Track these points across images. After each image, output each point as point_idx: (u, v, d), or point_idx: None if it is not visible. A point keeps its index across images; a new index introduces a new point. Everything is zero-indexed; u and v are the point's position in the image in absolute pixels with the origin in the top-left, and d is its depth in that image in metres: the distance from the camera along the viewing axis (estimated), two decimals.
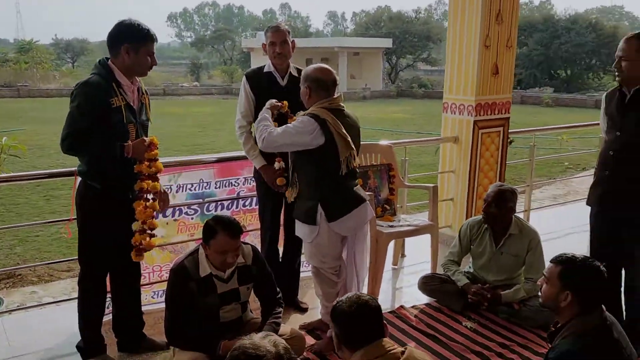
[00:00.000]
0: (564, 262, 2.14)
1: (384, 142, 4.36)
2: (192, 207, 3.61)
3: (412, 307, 3.72)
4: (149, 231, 2.88)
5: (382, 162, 4.24)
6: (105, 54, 2.83)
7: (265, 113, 3.05)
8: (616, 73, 2.92)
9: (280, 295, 3.02)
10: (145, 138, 2.77)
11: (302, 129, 2.84)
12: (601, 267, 2.12)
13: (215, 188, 3.67)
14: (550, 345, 2.19)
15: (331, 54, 35.96)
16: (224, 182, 3.69)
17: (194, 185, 3.58)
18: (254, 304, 3.07)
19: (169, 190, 3.50)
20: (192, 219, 3.62)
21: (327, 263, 3.11)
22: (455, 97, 4.69)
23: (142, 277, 3.47)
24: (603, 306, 2.12)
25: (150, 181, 2.84)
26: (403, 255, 4.62)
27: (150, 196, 2.88)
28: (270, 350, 1.59)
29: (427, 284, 3.74)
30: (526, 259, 3.57)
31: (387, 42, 37.73)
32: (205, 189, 3.63)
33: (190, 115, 22.33)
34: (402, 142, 4.75)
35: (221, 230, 2.64)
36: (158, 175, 2.87)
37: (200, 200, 3.62)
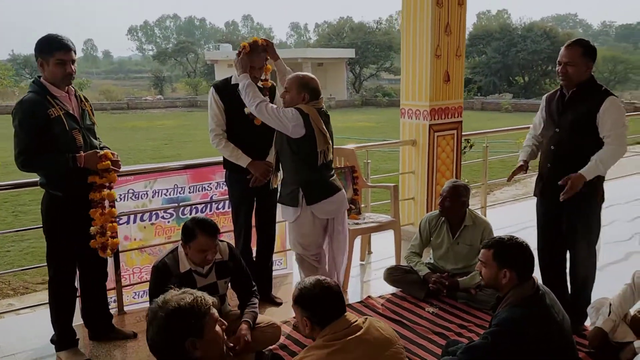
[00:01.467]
0: (494, 244, 2.45)
1: (347, 146, 4.65)
2: (168, 211, 3.82)
3: (379, 297, 4.01)
4: (110, 233, 3.12)
5: (346, 165, 4.53)
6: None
7: (248, 81, 3.31)
8: (560, 77, 3.19)
9: (255, 288, 3.26)
10: (98, 150, 3.00)
11: (289, 117, 3.18)
12: (524, 242, 2.44)
13: (189, 193, 3.90)
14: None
15: (295, 64, 36.30)
16: (198, 186, 3.92)
17: (169, 190, 3.80)
18: (233, 302, 3.30)
19: (145, 195, 3.73)
20: (168, 222, 3.84)
21: (309, 250, 3.42)
22: (412, 103, 5.03)
23: (123, 279, 3.70)
24: (535, 278, 2.43)
25: (106, 190, 3.08)
26: (370, 252, 4.91)
27: (107, 203, 3.11)
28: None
29: (392, 274, 4.03)
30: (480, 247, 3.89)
31: (350, 53, 38.39)
32: (180, 193, 3.86)
33: (154, 128, 22.33)
34: (364, 145, 5.06)
35: (200, 231, 2.88)
36: (113, 184, 3.13)
37: (176, 204, 3.84)
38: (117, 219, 3.33)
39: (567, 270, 3.49)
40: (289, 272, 4.48)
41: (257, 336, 3.03)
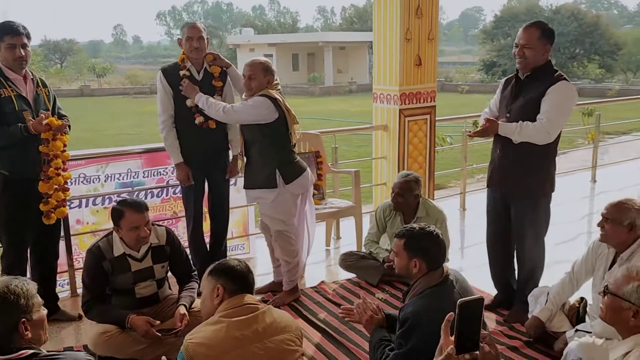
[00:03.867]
0: (404, 234, 2.40)
1: (312, 131, 4.62)
2: (122, 195, 3.87)
3: (333, 282, 4.00)
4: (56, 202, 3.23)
5: (310, 150, 4.51)
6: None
7: (204, 96, 3.42)
8: (517, 60, 3.10)
9: (195, 272, 3.29)
10: (43, 114, 3.10)
11: (260, 106, 3.32)
12: (435, 231, 2.39)
13: (144, 177, 3.94)
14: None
15: (317, 48, 36.22)
16: (153, 171, 3.96)
17: (122, 175, 3.85)
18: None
19: (97, 180, 3.78)
20: None
21: (289, 224, 3.56)
22: (383, 88, 4.97)
23: (75, 261, 3.76)
24: (445, 267, 2.39)
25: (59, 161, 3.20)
26: (338, 238, 4.90)
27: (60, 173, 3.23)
28: None
29: (346, 260, 4.02)
30: None
31: (372, 36, 37.98)
32: (134, 178, 3.90)
33: None
34: (331, 130, 5.03)
35: (127, 208, 2.92)
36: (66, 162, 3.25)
37: (130, 188, 3.88)
38: (68, 203, 3.40)
39: (515, 260, 3.43)
40: (251, 257, 4.50)
41: (190, 322, 3.04)
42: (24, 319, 1.80)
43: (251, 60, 3.47)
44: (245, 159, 3.59)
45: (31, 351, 1.78)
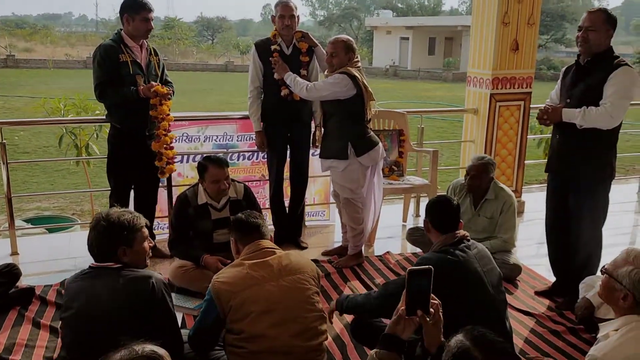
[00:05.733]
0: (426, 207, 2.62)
1: (399, 110, 4.80)
2: (217, 155, 4.36)
3: (399, 254, 4.21)
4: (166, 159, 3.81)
5: (394, 128, 4.71)
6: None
7: (292, 74, 3.79)
8: (580, 43, 3.09)
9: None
10: (153, 83, 3.63)
11: (339, 83, 3.61)
12: (451, 199, 2.55)
13: (238, 141, 4.41)
14: None
15: (455, 33, 35.27)
16: (246, 136, 4.41)
17: (219, 137, 4.35)
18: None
19: (197, 139, 4.32)
20: None
21: (356, 193, 3.81)
22: (476, 71, 4.98)
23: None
24: (463, 232, 2.53)
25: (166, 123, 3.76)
26: (417, 215, 5.06)
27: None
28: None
29: (412, 234, 4.18)
30: (499, 220, 3.90)
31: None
32: (229, 140, 4.39)
33: None
34: (418, 110, 5.16)
35: (210, 164, 3.39)
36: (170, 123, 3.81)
37: (225, 150, 4.37)
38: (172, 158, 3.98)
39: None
40: (330, 224, 4.83)
41: None
42: (124, 247, 2.21)
43: (334, 38, 3.74)
44: (323, 130, 3.90)
45: (118, 265, 2.21)
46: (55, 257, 4.04)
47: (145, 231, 2.32)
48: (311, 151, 4.23)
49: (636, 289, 1.96)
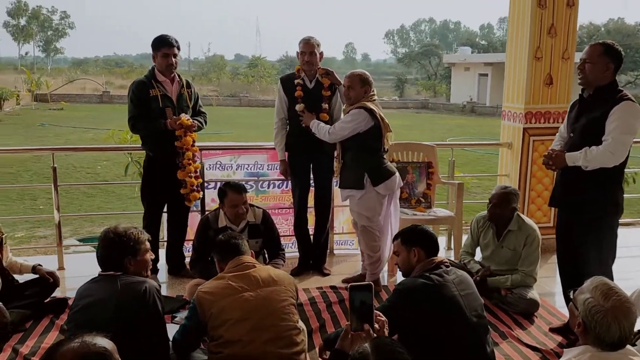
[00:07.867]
0: (399, 234, 2.74)
1: (428, 143, 4.88)
2: (249, 182, 4.63)
3: None
4: (190, 187, 4.07)
5: (423, 160, 4.78)
6: None
7: (317, 122, 4.02)
8: (579, 76, 3.13)
9: (283, 251, 3.88)
10: (180, 116, 3.93)
11: (356, 119, 3.80)
12: (425, 227, 2.64)
13: (268, 170, 4.65)
14: None
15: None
16: (275, 165, 4.64)
17: (250, 165, 4.61)
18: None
19: (230, 167, 4.60)
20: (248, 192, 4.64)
21: (373, 220, 3.94)
22: (510, 106, 4.98)
23: None
24: (443, 258, 2.59)
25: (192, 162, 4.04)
26: (449, 248, 5.04)
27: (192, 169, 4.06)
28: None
29: None
30: (522, 253, 3.84)
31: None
32: (260, 169, 4.64)
33: None
34: (448, 143, 5.18)
35: (229, 189, 3.63)
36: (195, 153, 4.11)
37: (255, 178, 4.63)
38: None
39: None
40: (358, 252, 4.90)
41: None
42: (129, 256, 2.52)
43: (350, 72, 3.93)
44: (342, 161, 4.05)
45: (119, 273, 2.50)
46: (97, 272, 4.39)
47: (148, 245, 2.60)
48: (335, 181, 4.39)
49: (586, 317, 1.95)
